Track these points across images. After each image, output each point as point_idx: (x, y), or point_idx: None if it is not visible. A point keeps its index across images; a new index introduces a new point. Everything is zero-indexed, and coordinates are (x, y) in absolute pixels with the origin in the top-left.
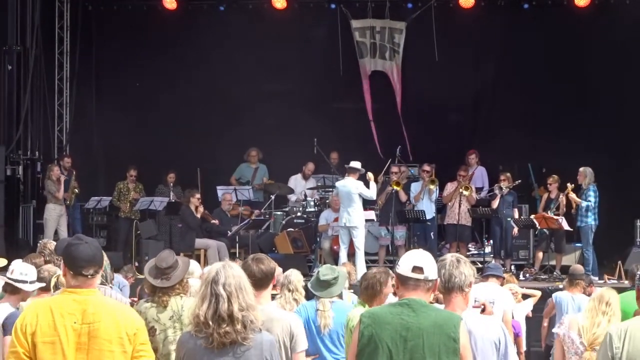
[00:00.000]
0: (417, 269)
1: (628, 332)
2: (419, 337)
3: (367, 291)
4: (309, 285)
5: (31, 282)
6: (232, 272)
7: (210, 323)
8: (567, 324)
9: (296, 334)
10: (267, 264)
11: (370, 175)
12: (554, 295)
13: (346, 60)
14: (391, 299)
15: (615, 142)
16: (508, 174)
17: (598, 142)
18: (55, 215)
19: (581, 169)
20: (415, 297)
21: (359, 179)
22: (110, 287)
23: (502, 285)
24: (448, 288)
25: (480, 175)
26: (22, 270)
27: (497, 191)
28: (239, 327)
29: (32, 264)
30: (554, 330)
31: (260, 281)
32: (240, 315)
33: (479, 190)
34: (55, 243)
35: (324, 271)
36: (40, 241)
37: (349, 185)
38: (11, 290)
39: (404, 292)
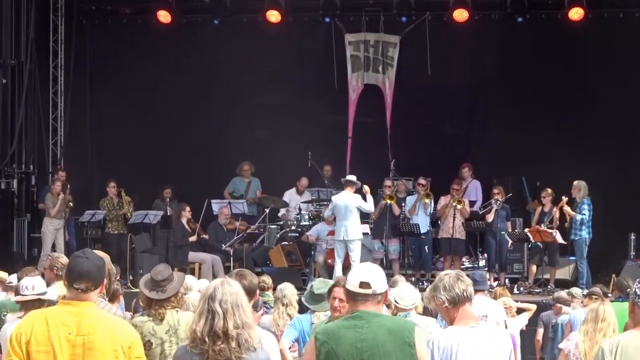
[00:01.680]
0: (364, 284)
1: (619, 347)
2: (375, 346)
3: None
4: (302, 299)
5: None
6: (230, 289)
7: (206, 339)
8: (573, 340)
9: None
10: (249, 279)
11: (366, 188)
12: (570, 317)
13: (340, 73)
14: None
15: (609, 156)
16: (500, 187)
17: (592, 155)
18: (52, 229)
19: (575, 182)
20: (365, 309)
21: (355, 192)
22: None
23: (495, 298)
24: (459, 300)
25: (474, 188)
26: (30, 284)
27: (494, 205)
28: (233, 345)
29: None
30: (560, 345)
31: None
32: (235, 333)
33: (472, 203)
34: (64, 257)
35: (318, 285)
36: (51, 255)
37: (347, 198)
38: (31, 306)
39: (354, 307)
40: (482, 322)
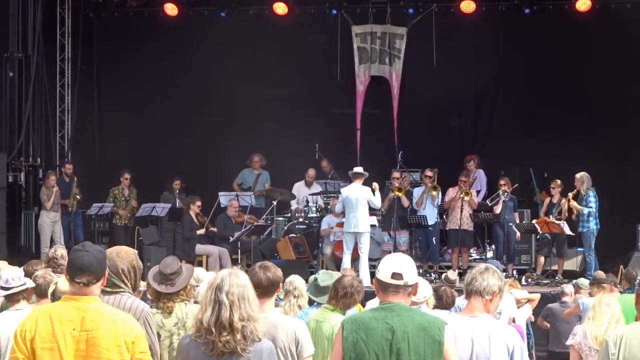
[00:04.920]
0: (396, 275)
1: (624, 339)
2: (404, 340)
3: (345, 299)
4: (307, 291)
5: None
6: (237, 281)
7: (213, 330)
8: (580, 333)
9: (301, 339)
10: (273, 271)
11: (375, 185)
12: (580, 301)
13: (345, 65)
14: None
15: (616, 147)
16: (507, 178)
17: (599, 146)
18: (49, 222)
19: (577, 175)
20: (396, 301)
21: (363, 184)
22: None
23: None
24: (468, 291)
25: (478, 178)
26: (12, 276)
27: (502, 196)
28: (238, 336)
29: (33, 271)
30: (567, 342)
31: (266, 289)
32: (240, 325)
33: (477, 193)
34: (64, 250)
35: (323, 277)
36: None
37: (358, 191)
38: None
39: (384, 298)
40: (485, 315)
